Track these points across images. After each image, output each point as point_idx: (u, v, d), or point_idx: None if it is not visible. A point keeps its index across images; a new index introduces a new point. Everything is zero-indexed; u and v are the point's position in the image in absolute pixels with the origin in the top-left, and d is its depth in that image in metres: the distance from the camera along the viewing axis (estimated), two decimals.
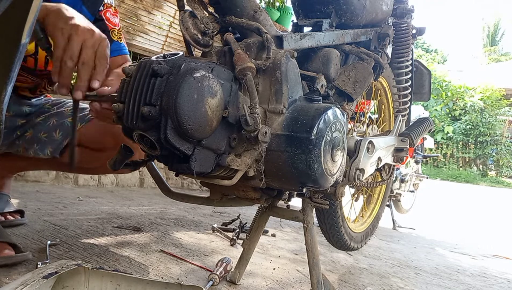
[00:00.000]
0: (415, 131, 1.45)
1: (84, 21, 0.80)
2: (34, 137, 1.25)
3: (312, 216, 1.10)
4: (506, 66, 20.50)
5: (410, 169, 3.35)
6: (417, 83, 1.70)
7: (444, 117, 15.12)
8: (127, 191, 2.73)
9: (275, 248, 1.77)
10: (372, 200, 1.77)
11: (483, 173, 14.87)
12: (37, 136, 1.25)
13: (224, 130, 0.80)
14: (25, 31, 0.45)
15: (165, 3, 3.43)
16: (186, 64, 0.72)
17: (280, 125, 0.85)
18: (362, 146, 1.09)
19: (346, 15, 1.16)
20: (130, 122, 0.72)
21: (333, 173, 0.91)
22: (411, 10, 1.45)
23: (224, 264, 1.21)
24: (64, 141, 1.24)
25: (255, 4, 0.92)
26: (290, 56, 0.90)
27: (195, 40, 0.85)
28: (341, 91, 1.11)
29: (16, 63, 0.46)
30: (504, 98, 14.89)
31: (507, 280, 1.92)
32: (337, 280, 1.45)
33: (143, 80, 0.71)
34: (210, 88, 0.73)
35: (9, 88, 0.48)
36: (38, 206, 1.78)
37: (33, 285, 0.69)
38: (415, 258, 2.09)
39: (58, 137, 1.25)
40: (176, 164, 0.78)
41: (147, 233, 1.63)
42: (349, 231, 1.50)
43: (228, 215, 2.36)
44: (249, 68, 0.81)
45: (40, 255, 1.16)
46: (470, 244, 2.95)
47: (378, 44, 1.33)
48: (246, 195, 0.96)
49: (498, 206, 6.97)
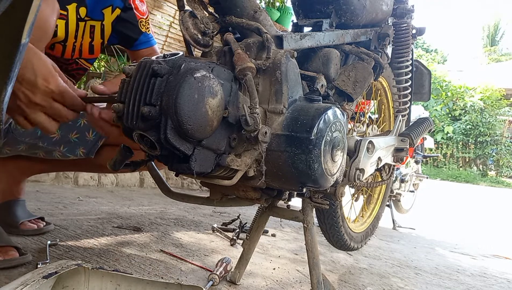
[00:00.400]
0: (415, 131, 1.45)
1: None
2: (63, 139, 1.21)
3: (312, 216, 1.10)
4: (506, 66, 20.51)
5: (410, 169, 3.35)
6: (417, 83, 1.70)
7: (444, 117, 15.12)
8: (127, 191, 2.73)
9: (275, 248, 1.77)
10: (372, 200, 1.77)
11: (483, 173, 14.87)
12: (66, 137, 1.21)
13: (224, 130, 0.80)
14: (25, 31, 0.45)
15: (165, 3, 3.43)
16: (186, 64, 0.72)
17: (280, 125, 0.85)
18: (362, 146, 1.09)
19: (346, 15, 1.16)
20: (130, 122, 0.72)
21: (333, 173, 0.91)
22: (411, 10, 1.45)
23: (224, 264, 1.21)
24: (99, 141, 1.21)
25: (255, 4, 0.92)
26: (290, 56, 0.90)
27: (195, 40, 0.85)
28: (341, 91, 1.11)
29: (16, 63, 0.46)
30: (504, 98, 14.89)
31: (507, 280, 1.92)
32: (337, 280, 1.45)
33: (143, 80, 0.71)
34: (211, 88, 0.73)
35: (9, 88, 0.48)
36: (38, 206, 1.78)
37: (33, 285, 0.69)
38: (415, 258, 2.09)
39: (92, 138, 1.22)
40: (176, 164, 0.78)
41: (147, 233, 1.63)
42: (349, 231, 1.50)
43: (228, 215, 2.36)
44: (249, 68, 0.81)
45: (40, 255, 1.16)
46: (470, 244, 2.95)
47: (378, 44, 1.33)
48: (246, 195, 0.96)
49: (498, 206, 6.97)
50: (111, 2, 1.09)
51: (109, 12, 1.09)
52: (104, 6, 1.08)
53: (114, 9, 1.10)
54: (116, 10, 1.10)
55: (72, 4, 1.02)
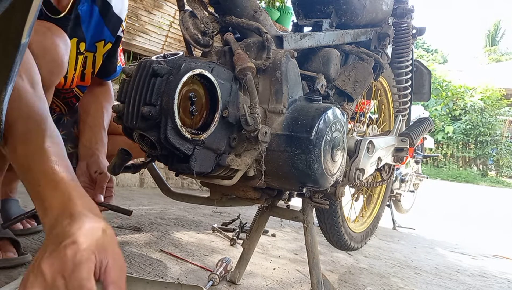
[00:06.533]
0: (415, 131, 1.45)
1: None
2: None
3: (312, 216, 1.10)
4: (506, 66, 20.51)
5: (410, 169, 3.35)
6: (417, 83, 1.69)
7: (444, 117, 15.12)
8: (127, 191, 2.73)
9: (275, 248, 1.77)
10: (372, 200, 1.77)
11: (483, 173, 14.87)
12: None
13: (224, 130, 0.80)
14: (25, 31, 0.45)
15: (165, 3, 3.43)
16: (186, 64, 0.72)
17: (280, 125, 0.85)
18: (362, 146, 1.09)
19: (346, 15, 1.16)
20: (130, 122, 0.72)
21: (333, 173, 0.91)
22: (411, 10, 1.45)
23: (224, 264, 1.21)
24: None
25: (255, 4, 0.92)
26: (290, 56, 0.90)
27: (195, 40, 0.85)
28: (341, 91, 1.11)
29: (16, 63, 0.46)
30: (504, 98, 14.89)
31: (507, 280, 1.92)
32: (337, 280, 1.45)
33: (143, 80, 0.71)
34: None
35: (9, 88, 0.48)
36: None
37: None
38: (415, 258, 2.09)
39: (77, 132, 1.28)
40: (176, 164, 0.78)
41: (147, 233, 1.63)
42: (349, 231, 1.50)
43: (228, 215, 2.36)
44: (249, 68, 0.81)
45: None
46: (470, 244, 2.95)
47: (378, 44, 1.33)
48: (246, 195, 0.96)
49: (498, 206, 6.96)
50: (103, 37, 1.19)
51: (102, 45, 1.20)
52: (98, 40, 1.19)
53: (106, 43, 1.20)
54: (108, 44, 1.21)
55: (73, 39, 1.10)
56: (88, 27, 1.14)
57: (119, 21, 1.20)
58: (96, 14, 1.14)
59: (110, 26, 1.18)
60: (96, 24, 1.15)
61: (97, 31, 1.16)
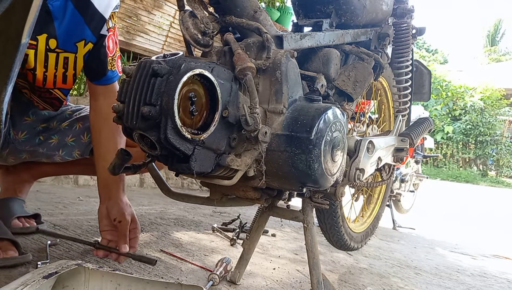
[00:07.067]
0: (415, 131, 1.45)
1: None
2: (60, 143, 1.27)
3: (312, 216, 1.10)
4: (506, 66, 20.49)
5: (410, 169, 3.34)
6: (417, 83, 1.69)
7: (444, 117, 15.11)
8: (127, 191, 2.72)
9: (275, 248, 1.77)
10: (372, 200, 1.76)
11: (483, 173, 14.86)
12: (63, 142, 1.27)
13: (224, 130, 0.80)
14: (25, 31, 0.45)
15: (165, 3, 3.43)
16: (186, 64, 0.72)
17: (280, 125, 0.85)
18: (362, 146, 1.09)
19: (346, 15, 1.16)
20: (130, 122, 0.72)
21: (333, 173, 0.91)
22: (411, 10, 1.45)
23: (224, 264, 1.21)
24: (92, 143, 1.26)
25: (255, 4, 0.92)
26: (290, 56, 0.90)
27: (195, 40, 0.85)
28: (341, 91, 1.11)
29: (16, 63, 0.46)
30: (504, 98, 14.87)
31: (507, 280, 1.92)
32: (337, 280, 1.45)
33: (143, 80, 0.71)
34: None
35: (9, 88, 0.48)
36: (38, 206, 1.77)
37: (33, 285, 0.69)
38: (415, 258, 2.09)
39: (86, 140, 1.27)
40: (176, 164, 0.78)
41: (147, 233, 1.63)
42: (349, 231, 1.50)
43: (228, 215, 2.36)
44: (249, 68, 0.81)
45: (40, 255, 1.16)
46: (470, 244, 2.95)
47: (378, 44, 1.33)
48: (246, 195, 0.96)
49: (498, 206, 6.96)
50: (83, 36, 1.11)
51: (82, 46, 1.13)
52: (77, 39, 1.12)
53: (87, 43, 1.13)
54: (88, 44, 1.13)
55: (42, 34, 1.05)
56: (61, 24, 1.07)
57: (102, 20, 1.13)
58: (70, 10, 1.07)
59: (92, 25, 1.11)
60: (74, 23, 1.08)
61: (76, 30, 1.09)
